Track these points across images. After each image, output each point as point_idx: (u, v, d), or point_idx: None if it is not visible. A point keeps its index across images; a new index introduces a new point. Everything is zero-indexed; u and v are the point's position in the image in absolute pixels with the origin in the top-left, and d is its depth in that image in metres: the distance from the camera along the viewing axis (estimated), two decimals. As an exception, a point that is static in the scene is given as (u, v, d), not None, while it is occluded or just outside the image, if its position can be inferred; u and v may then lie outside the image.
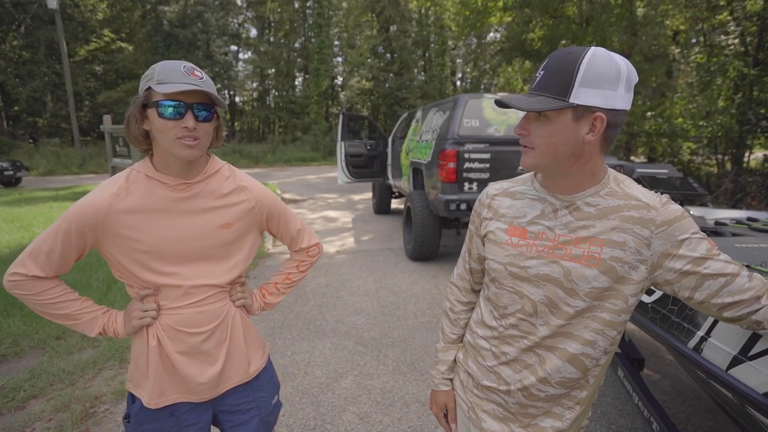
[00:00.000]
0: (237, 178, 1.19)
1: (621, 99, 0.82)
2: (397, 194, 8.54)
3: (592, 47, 0.82)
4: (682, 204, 2.84)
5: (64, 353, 2.94)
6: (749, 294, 0.81)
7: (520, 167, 0.93)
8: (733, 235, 2.19)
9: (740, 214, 2.62)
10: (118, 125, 11.64)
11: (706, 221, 2.37)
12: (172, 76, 0.98)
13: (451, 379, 1.15)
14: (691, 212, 2.77)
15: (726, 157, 9.31)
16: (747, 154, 9.82)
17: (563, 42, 11.13)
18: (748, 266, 1.38)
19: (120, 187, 1.04)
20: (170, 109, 0.98)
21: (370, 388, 2.61)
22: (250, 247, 1.21)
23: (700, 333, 1.16)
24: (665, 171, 2.94)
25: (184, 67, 1.01)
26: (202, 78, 1.02)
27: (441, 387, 1.15)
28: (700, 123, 8.25)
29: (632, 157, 10.23)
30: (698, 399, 2.46)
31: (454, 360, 1.15)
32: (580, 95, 0.79)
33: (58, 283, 1.06)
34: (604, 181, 0.91)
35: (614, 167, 2.50)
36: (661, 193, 0.93)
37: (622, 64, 0.81)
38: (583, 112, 0.81)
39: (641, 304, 1.52)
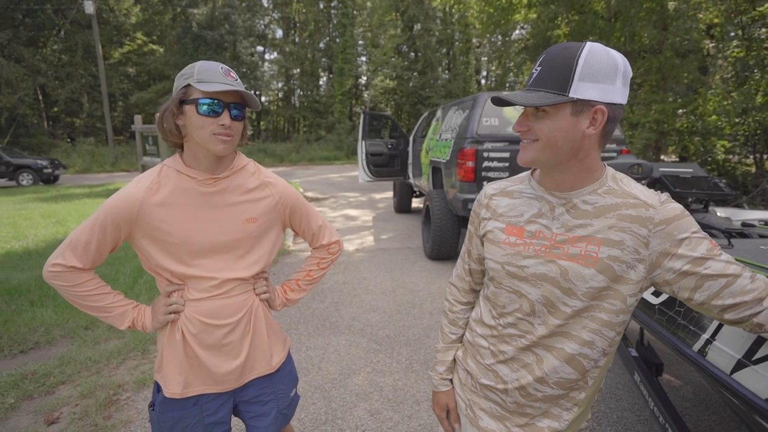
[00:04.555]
0: (262, 175, 1.23)
1: (619, 93, 0.82)
2: (418, 193, 8.52)
3: (588, 42, 0.82)
4: (707, 205, 2.73)
5: (92, 343, 3.08)
6: (751, 296, 0.78)
7: (518, 161, 0.92)
8: (761, 236, 2.10)
9: (769, 215, 2.51)
10: (148, 125, 12.04)
11: (732, 222, 2.28)
12: (212, 76, 1.04)
13: (450, 380, 1.15)
14: (718, 213, 2.66)
15: (765, 156, 8.87)
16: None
17: (592, 38, 10.84)
18: (760, 267, 1.32)
19: (152, 182, 1.09)
20: (209, 107, 1.04)
21: (382, 385, 2.63)
22: (273, 242, 1.25)
23: (706, 336, 1.13)
24: (690, 170, 2.83)
25: (221, 68, 1.07)
26: (236, 80, 1.08)
27: (440, 388, 1.15)
28: (736, 120, 7.89)
29: (663, 157, 9.89)
30: (721, 408, 2.37)
31: (454, 360, 1.15)
32: (580, 89, 0.79)
33: (93, 276, 1.11)
34: (602, 179, 0.90)
35: (632, 166, 2.42)
36: (682, 194, 0.92)
37: (619, 59, 0.81)
38: (583, 106, 0.81)
39: (649, 306, 1.49)
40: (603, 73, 0.79)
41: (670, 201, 0.86)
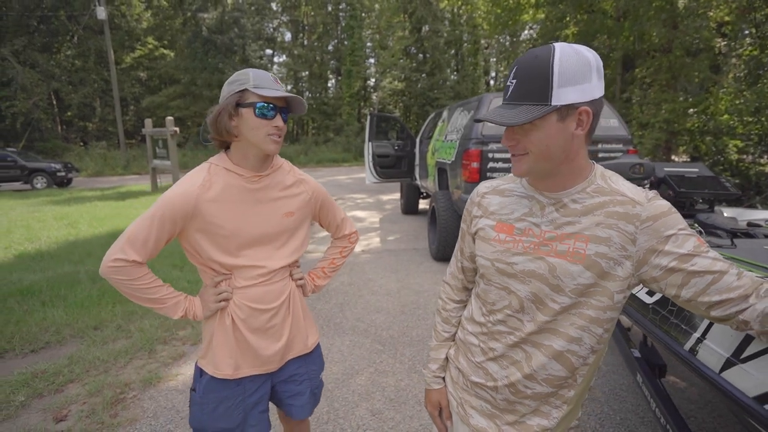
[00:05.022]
0: (296, 172, 1.37)
1: (596, 88, 0.83)
2: (425, 194, 8.52)
3: (555, 44, 0.82)
4: (712, 205, 2.70)
5: (100, 342, 3.13)
6: (737, 293, 0.78)
7: (514, 173, 0.92)
8: (766, 236, 2.08)
9: (777, 215, 2.47)
10: (158, 128, 12.24)
11: (738, 222, 2.25)
12: (266, 82, 1.16)
13: (442, 378, 1.16)
14: (725, 213, 2.63)
15: (779, 156, 8.71)
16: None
17: (600, 38, 10.76)
18: (752, 264, 1.31)
19: (205, 179, 1.18)
20: (266, 110, 1.15)
21: (385, 385, 2.64)
22: (305, 233, 1.38)
23: (696, 335, 1.12)
24: (695, 170, 2.80)
25: (272, 75, 1.19)
26: (282, 87, 1.21)
27: (433, 385, 1.16)
28: (749, 119, 7.77)
29: (673, 157, 9.76)
30: (727, 410, 2.34)
31: (446, 358, 1.16)
32: (561, 95, 0.80)
33: (148, 271, 1.18)
34: (591, 178, 0.91)
35: (633, 165, 2.40)
36: (689, 193, 0.93)
37: (590, 55, 0.82)
38: (567, 110, 0.81)
39: (643, 305, 1.48)
40: (579, 74, 0.80)
41: (657, 198, 0.87)
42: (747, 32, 9.20)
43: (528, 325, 0.93)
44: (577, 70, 0.80)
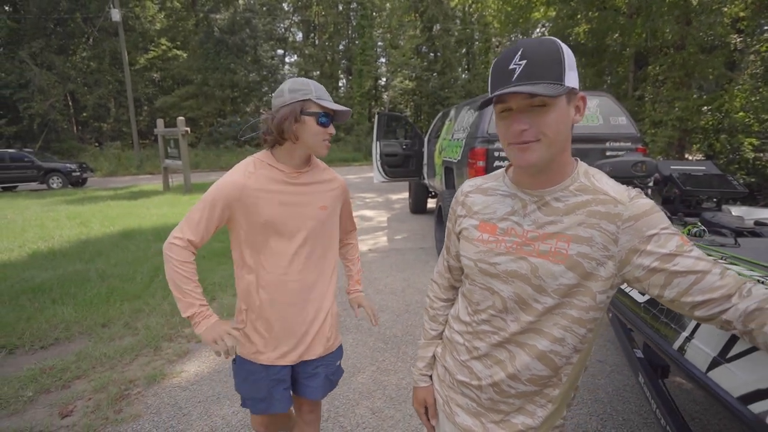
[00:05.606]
0: (328, 170, 1.52)
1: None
2: (433, 194, 8.50)
3: (545, 37, 0.84)
4: (720, 203, 2.65)
5: (107, 339, 3.19)
6: (720, 292, 0.77)
7: (520, 165, 0.86)
8: None
9: (787, 214, 2.42)
10: (170, 128, 12.40)
11: (745, 221, 2.21)
12: (325, 95, 1.34)
13: (429, 376, 1.17)
14: (733, 212, 2.58)
15: (797, 154, 8.48)
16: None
17: (612, 35, 10.59)
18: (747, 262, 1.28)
19: (250, 171, 1.35)
20: (326, 120, 1.32)
21: (386, 384, 2.65)
22: (336, 224, 1.53)
23: (685, 334, 1.11)
24: (702, 168, 2.75)
25: (324, 88, 1.35)
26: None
27: (419, 383, 1.17)
28: (765, 117, 7.59)
29: (687, 155, 9.58)
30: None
31: (434, 356, 1.16)
32: (570, 78, 0.81)
33: (194, 265, 1.33)
34: (574, 175, 0.90)
35: (636, 163, 2.36)
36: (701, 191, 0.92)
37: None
38: (572, 94, 0.83)
39: (635, 304, 1.46)
40: (574, 62, 0.84)
41: (640, 197, 0.86)
42: (766, 28, 8.98)
43: (512, 325, 0.93)
44: (573, 59, 0.83)
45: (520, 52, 0.81)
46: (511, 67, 0.81)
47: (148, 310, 3.70)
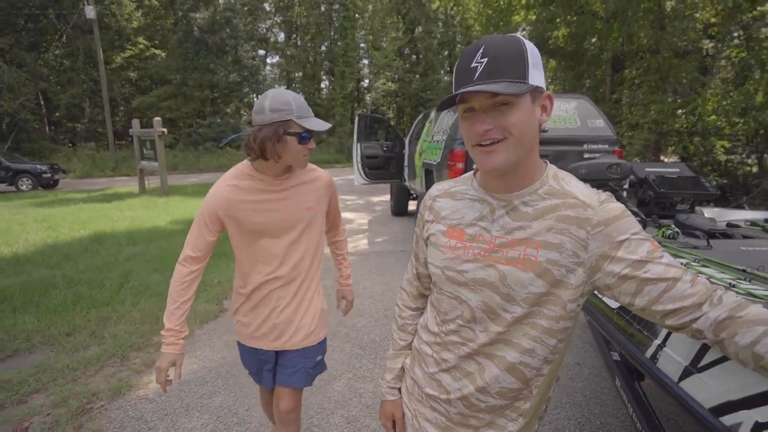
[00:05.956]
0: (311, 170, 1.54)
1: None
2: (414, 196, 8.48)
3: (508, 34, 0.80)
4: (693, 205, 2.68)
5: (71, 350, 3.05)
6: (690, 300, 0.74)
7: (485, 169, 0.83)
8: (744, 237, 2.06)
9: (757, 215, 2.46)
10: (146, 129, 12.09)
11: (717, 223, 2.23)
12: (306, 111, 1.36)
13: (398, 388, 1.12)
14: (705, 214, 2.61)
15: (766, 156, 8.76)
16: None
17: (592, 39, 10.78)
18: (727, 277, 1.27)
19: (232, 184, 1.42)
20: (307, 135, 1.36)
21: (362, 391, 2.58)
22: (323, 222, 1.58)
23: (657, 341, 1.08)
24: (676, 170, 2.79)
25: (304, 101, 1.38)
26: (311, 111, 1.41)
27: (387, 396, 1.12)
28: (736, 120, 7.81)
29: (663, 157, 9.80)
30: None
31: (402, 368, 1.11)
32: (534, 76, 0.78)
33: (191, 284, 1.45)
34: (543, 179, 0.86)
35: (611, 166, 2.37)
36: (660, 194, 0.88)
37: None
38: (537, 93, 0.79)
39: (608, 309, 1.44)
40: (539, 59, 0.80)
41: (610, 201, 0.82)
42: (735, 34, 9.26)
43: (481, 335, 0.89)
44: (538, 57, 0.80)
45: (481, 50, 0.78)
46: (473, 65, 0.78)
47: (116, 317, 3.55)
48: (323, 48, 31.06)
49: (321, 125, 1.37)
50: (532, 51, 0.78)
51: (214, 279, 4.58)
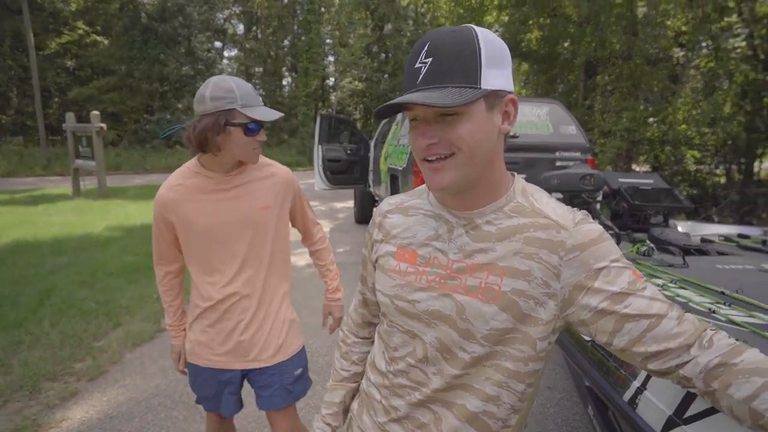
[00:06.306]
0: (267, 165, 1.48)
1: (512, 79, 0.74)
2: (379, 201, 8.41)
3: (470, 25, 0.70)
4: (667, 218, 2.72)
5: (-30, 380, 2.74)
6: (677, 341, 0.67)
7: (432, 189, 0.76)
8: (719, 253, 2.08)
9: (731, 229, 2.52)
10: (83, 123, 11.46)
11: (691, 238, 2.26)
12: (253, 100, 1.30)
13: (335, 427, 1.02)
14: (679, 228, 2.65)
15: (733, 167, 9.26)
16: (757, 164, 9.80)
17: (565, 43, 11.12)
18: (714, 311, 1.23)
19: (177, 184, 1.38)
20: (255, 127, 1.31)
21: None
22: (285, 227, 1.51)
23: (636, 383, 1.02)
24: (650, 181, 2.83)
25: (253, 89, 1.32)
26: (260, 100, 1.35)
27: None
28: (705, 130, 8.22)
29: (634, 166, 10.19)
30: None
31: (343, 403, 1.02)
32: (489, 78, 0.68)
33: (171, 283, 1.52)
34: (509, 194, 0.78)
35: (584, 176, 2.37)
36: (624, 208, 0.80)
37: (502, 42, 0.72)
38: (495, 98, 0.70)
39: (580, 341, 1.38)
40: (501, 57, 0.71)
41: (586, 221, 0.74)
42: (704, 44, 9.79)
43: (434, 379, 0.79)
44: (500, 53, 0.71)
45: (426, 48, 0.68)
46: (417, 65, 0.69)
47: (30, 341, 3.25)
48: (286, 42, 30.72)
49: (269, 114, 1.31)
50: (489, 46, 0.68)
51: (153, 294, 4.31)
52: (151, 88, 24.06)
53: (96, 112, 10.78)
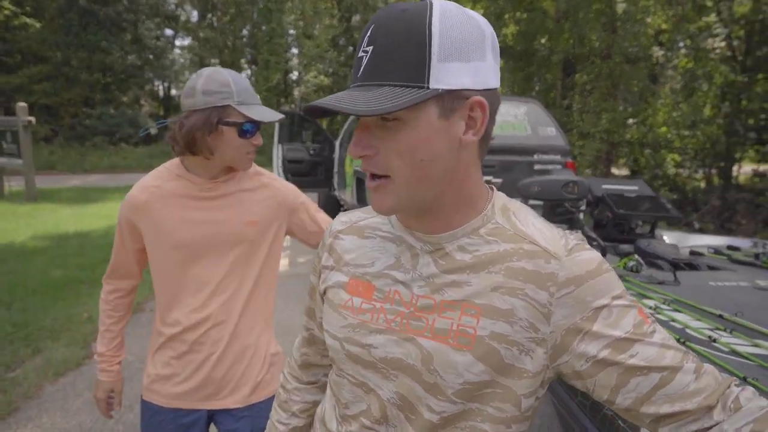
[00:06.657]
0: (259, 175, 1.37)
1: (492, 72, 0.60)
2: (345, 208, 8.30)
3: (428, 1, 0.57)
4: (653, 228, 2.71)
5: None
6: (695, 401, 0.57)
7: (376, 210, 0.67)
8: (710, 267, 2.07)
9: (720, 241, 2.54)
10: (8, 117, 10.85)
11: (680, 250, 2.25)
12: (250, 97, 1.22)
13: None
14: (665, 238, 2.65)
15: (713, 171, 9.62)
16: (736, 168, 10.23)
17: (542, 40, 11.33)
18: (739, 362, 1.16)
19: (154, 185, 1.27)
20: (251, 128, 1.22)
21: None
22: (272, 246, 1.36)
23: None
24: (635, 188, 2.83)
25: (250, 85, 1.25)
26: (258, 98, 1.27)
27: None
28: (685, 133, 8.51)
29: (614, 169, 10.46)
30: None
31: None
32: (443, 74, 0.55)
33: (115, 302, 1.40)
34: (487, 213, 0.67)
35: (566, 184, 2.31)
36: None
37: (481, 21, 0.59)
38: (453, 100, 0.57)
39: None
40: (469, 43, 0.57)
41: (581, 248, 0.64)
42: (682, 44, 10.17)
43: (395, 445, 0.67)
44: (467, 38, 0.57)
45: (370, 31, 0.58)
46: (359, 54, 0.60)
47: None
48: (245, 32, 30.30)
49: (268, 115, 1.23)
50: (447, 32, 0.56)
51: (83, 313, 4.04)
52: (92, 78, 23.21)
53: (23, 104, 10.21)
